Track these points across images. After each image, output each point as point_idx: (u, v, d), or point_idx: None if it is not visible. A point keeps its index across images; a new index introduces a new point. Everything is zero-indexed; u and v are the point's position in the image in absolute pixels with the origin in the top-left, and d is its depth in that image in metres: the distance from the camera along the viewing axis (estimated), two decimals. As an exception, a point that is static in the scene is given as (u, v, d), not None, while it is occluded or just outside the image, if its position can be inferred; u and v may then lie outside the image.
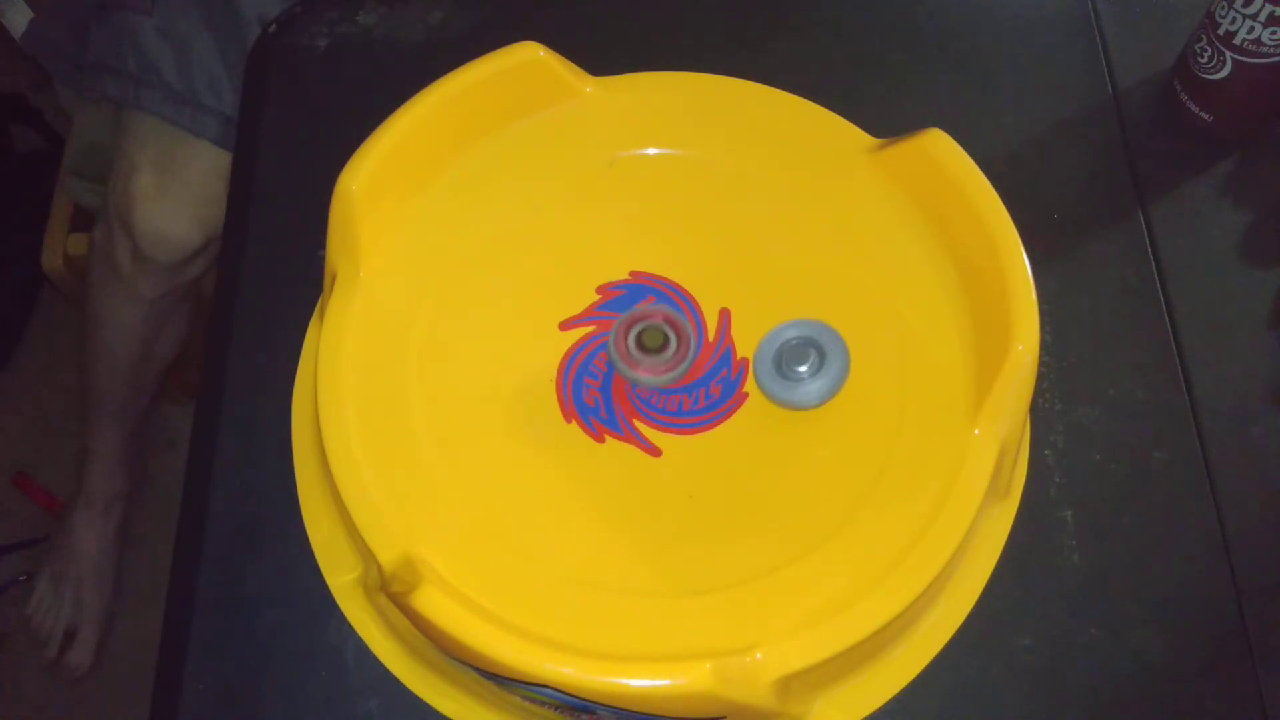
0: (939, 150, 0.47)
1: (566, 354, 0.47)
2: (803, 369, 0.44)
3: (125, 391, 0.93)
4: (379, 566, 0.42)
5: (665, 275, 0.49)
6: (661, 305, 0.47)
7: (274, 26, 0.62)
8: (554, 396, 0.46)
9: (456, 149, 0.50)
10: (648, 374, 0.45)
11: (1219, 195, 0.56)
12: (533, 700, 0.41)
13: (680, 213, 0.50)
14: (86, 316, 0.88)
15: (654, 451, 0.45)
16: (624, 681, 0.38)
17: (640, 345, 0.45)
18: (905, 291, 0.47)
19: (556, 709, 0.41)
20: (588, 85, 0.52)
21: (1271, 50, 0.51)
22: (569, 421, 0.46)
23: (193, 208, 0.76)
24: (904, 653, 0.45)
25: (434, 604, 0.39)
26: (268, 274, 0.55)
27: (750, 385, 0.46)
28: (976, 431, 0.43)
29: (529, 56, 0.50)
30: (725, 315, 0.48)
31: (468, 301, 0.48)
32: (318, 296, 0.52)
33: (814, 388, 0.44)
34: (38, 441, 1.23)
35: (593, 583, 0.42)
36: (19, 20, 0.94)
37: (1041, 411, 0.50)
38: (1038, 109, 0.58)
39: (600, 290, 0.49)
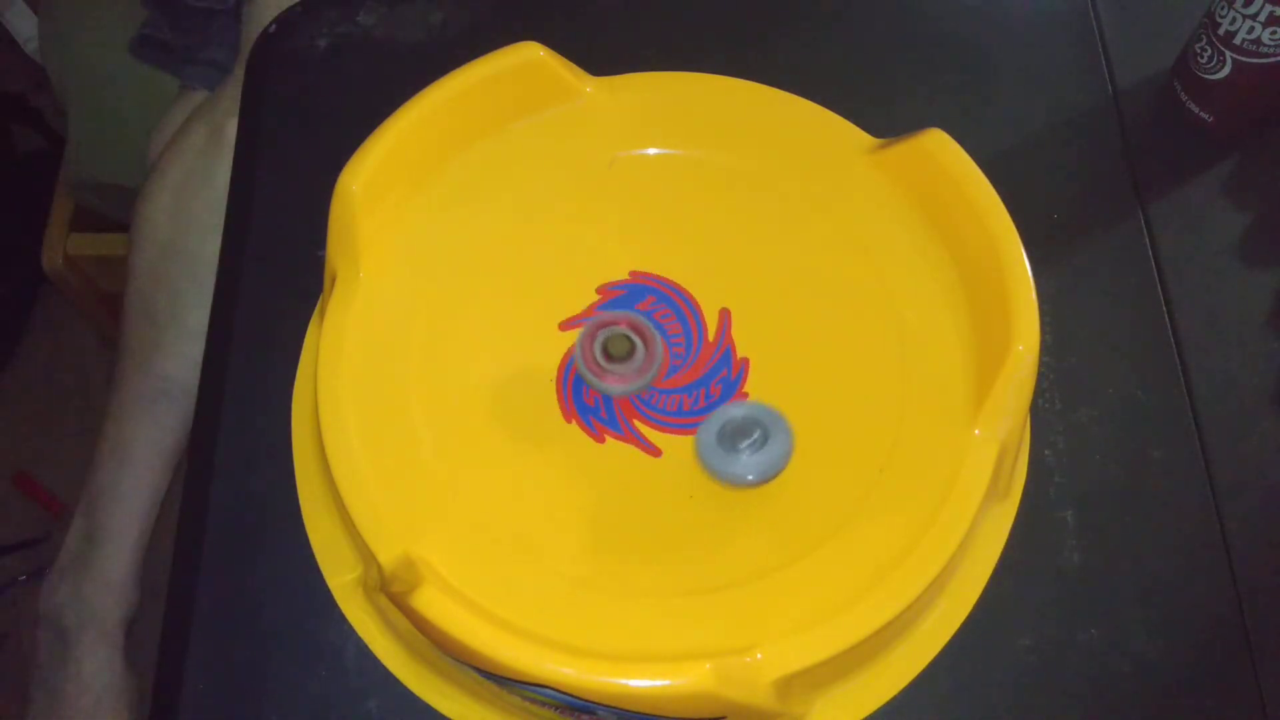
0: (939, 150, 0.47)
1: (566, 354, 0.47)
2: (743, 445, 0.43)
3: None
4: (379, 566, 0.42)
5: (665, 275, 0.49)
6: (625, 311, 0.46)
7: (274, 26, 0.62)
8: (554, 396, 0.46)
9: (456, 149, 0.50)
10: (617, 383, 0.45)
11: (1219, 195, 0.56)
12: (533, 700, 0.41)
13: (680, 213, 0.50)
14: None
15: (654, 451, 0.45)
16: (624, 681, 0.38)
17: (607, 354, 0.45)
18: (905, 291, 0.47)
19: (557, 709, 0.41)
20: (588, 85, 0.52)
21: (1271, 50, 0.51)
22: (569, 421, 0.46)
23: None
24: (904, 653, 0.45)
25: (434, 604, 0.39)
26: (268, 274, 0.55)
27: (750, 385, 0.46)
28: (976, 432, 0.43)
29: (529, 56, 0.50)
30: (725, 315, 0.48)
31: (468, 301, 0.48)
32: (318, 296, 0.52)
33: (751, 462, 0.42)
34: (38, 441, 1.23)
35: (593, 583, 0.42)
36: (20, 21, 0.94)
37: (1041, 412, 0.50)
38: (1038, 109, 0.58)
39: (600, 290, 0.49)
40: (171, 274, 0.74)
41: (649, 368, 0.45)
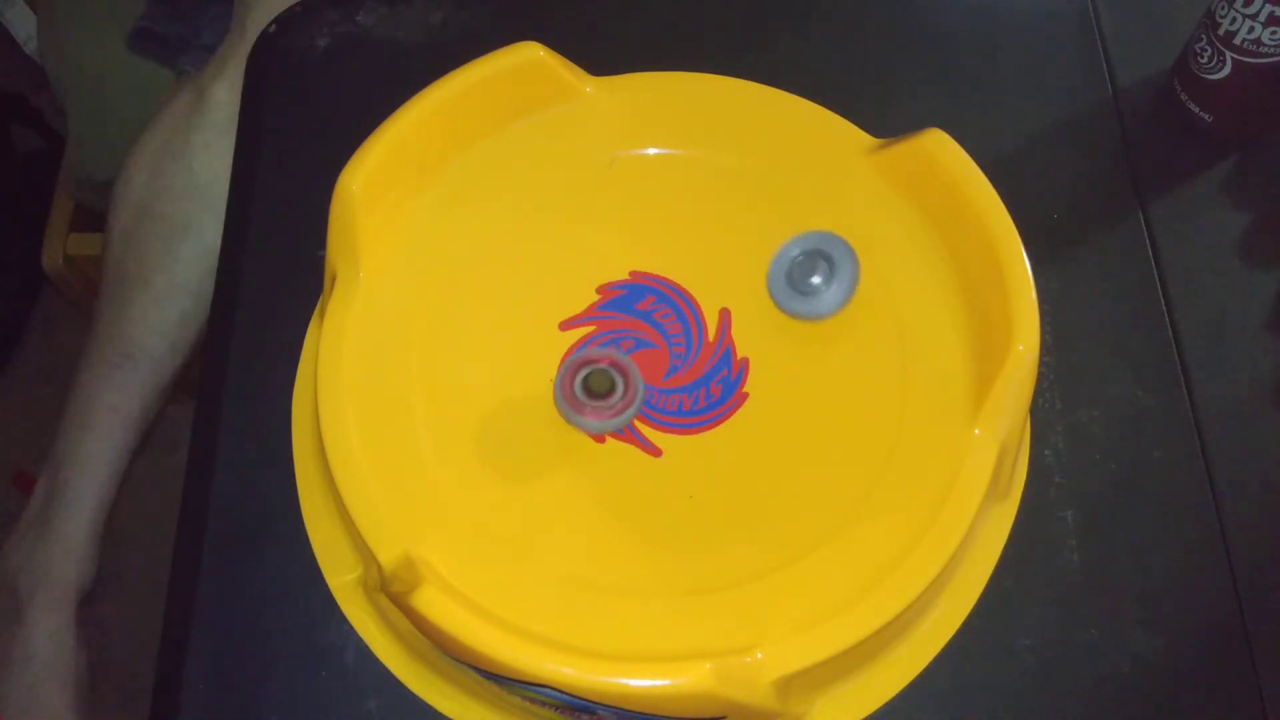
0: (939, 150, 0.47)
1: (566, 354, 0.47)
2: (816, 280, 0.46)
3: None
4: (379, 566, 0.42)
5: (665, 275, 0.49)
6: (608, 350, 0.47)
7: (274, 26, 0.62)
8: (554, 396, 0.46)
9: (456, 149, 0.50)
10: (593, 418, 0.44)
11: (1219, 195, 0.56)
12: (533, 700, 0.41)
13: (680, 213, 0.50)
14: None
15: (654, 451, 0.45)
16: (624, 681, 0.38)
17: (587, 390, 0.44)
18: (905, 291, 0.47)
19: (557, 709, 0.41)
20: (588, 85, 0.52)
21: (1271, 50, 0.51)
22: (569, 421, 0.46)
23: None
24: (904, 653, 0.45)
25: (434, 604, 0.39)
26: (268, 274, 0.55)
27: (750, 385, 0.46)
28: (976, 432, 0.43)
29: (529, 56, 0.50)
30: (725, 315, 0.48)
31: (468, 301, 0.48)
32: (318, 296, 0.52)
33: (829, 296, 0.46)
34: (38, 441, 1.23)
35: (593, 583, 0.42)
36: (20, 21, 0.95)
37: (1041, 412, 0.50)
38: (1038, 109, 0.58)
39: (600, 290, 0.49)
40: (142, 236, 0.72)
41: (626, 407, 0.44)
